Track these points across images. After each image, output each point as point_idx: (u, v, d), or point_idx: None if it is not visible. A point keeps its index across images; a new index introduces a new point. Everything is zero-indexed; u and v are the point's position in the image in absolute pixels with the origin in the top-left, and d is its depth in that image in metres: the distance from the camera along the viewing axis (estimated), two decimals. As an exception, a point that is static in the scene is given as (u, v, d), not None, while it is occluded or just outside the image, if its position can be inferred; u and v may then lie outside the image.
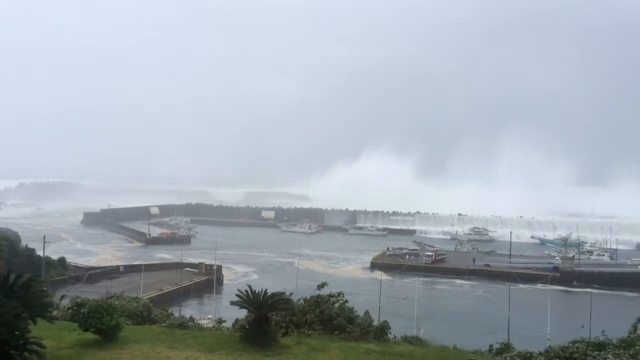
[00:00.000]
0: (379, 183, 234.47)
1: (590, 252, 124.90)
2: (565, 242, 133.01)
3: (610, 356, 14.60)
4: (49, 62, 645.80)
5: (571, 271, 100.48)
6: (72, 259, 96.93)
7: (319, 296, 19.18)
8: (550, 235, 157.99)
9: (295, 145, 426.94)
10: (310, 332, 17.17)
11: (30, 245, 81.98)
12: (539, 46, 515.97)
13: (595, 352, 15.18)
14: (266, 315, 15.78)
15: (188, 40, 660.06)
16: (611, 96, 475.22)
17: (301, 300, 18.96)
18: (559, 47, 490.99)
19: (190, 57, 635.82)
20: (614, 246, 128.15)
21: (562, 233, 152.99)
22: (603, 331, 16.77)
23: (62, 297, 26.05)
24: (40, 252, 78.95)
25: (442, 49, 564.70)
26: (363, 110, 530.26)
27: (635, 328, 17.29)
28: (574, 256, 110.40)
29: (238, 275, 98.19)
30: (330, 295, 19.22)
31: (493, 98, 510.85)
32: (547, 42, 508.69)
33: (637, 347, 15.05)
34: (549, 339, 34.52)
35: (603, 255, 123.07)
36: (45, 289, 15.74)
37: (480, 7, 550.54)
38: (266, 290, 16.23)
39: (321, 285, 19.86)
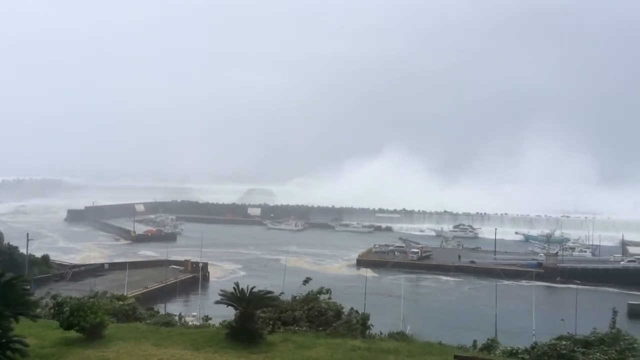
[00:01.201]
0: (389, 180, 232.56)
1: (573, 249, 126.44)
2: (548, 239, 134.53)
3: (598, 354, 14.68)
4: (32, 57, 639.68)
5: (555, 267, 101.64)
6: (56, 257, 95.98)
7: (308, 292, 19.20)
8: (534, 232, 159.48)
9: (292, 143, 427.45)
10: (297, 328, 17.15)
11: (13, 243, 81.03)
12: (546, 42, 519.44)
13: (583, 349, 15.28)
14: (252, 313, 15.72)
15: (177, 36, 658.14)
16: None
17: (287, 298, 18.94)
18: (573, 42, 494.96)
19: (181, 53, 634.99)
20: (597, 243, 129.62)
21: (546, 230, 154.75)
22: (594, 328, 16.81)
23: (47, 295, 25.76)
24: (23, 250, 78.09)
25: (441, 44, 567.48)
26: (362, 105, 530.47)
27: (614, 322, 17.47)
28: (557, 252, 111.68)
29: (225, 273, 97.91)
30: (319, 292, 19.25)
31: (496, 94, 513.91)
32: (559, 37, 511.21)
33: (622, 344, 15.17)
34: (534, 334, 34.89)
35: (585, 251, 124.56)
36: (28, 287, 15.54)
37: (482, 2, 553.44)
38: (252, 287, 16.16)
39: (306, 281, 19.93)
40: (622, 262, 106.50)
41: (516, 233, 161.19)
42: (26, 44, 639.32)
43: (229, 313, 17.62)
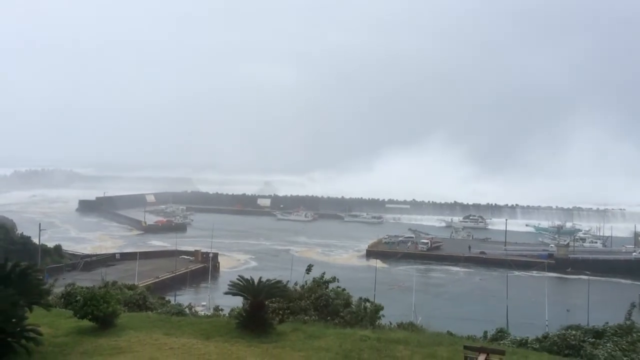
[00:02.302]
0: (426, 172, 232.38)
1: (583, 240, 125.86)
2: (559, 230, 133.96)
3: (609, 344, 14.64)
4: (46, 50, 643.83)
5: (566, 258, 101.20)
6: (68, 247, 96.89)
7: (314, 280, 19.33)
8: (545, 224, 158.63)
9: (304, 136, 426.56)
10: (306, 318, 17.24)
11: (26, 233, 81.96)
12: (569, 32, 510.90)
13: (593, 339, 15.24)
14: (262, 303, 15.81)
15: (187, 29, 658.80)
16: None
17: (297, 287, 19.06)
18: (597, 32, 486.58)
19: (192, 47, 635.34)
20: (609, 234, 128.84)
21: (557, 221, 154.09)
22: (606, 322, 16.73)
23: (55, 283, 26.03)
24: (35, 240, 78.90)
25: (463, 37, 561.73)
26: (393, 99, 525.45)
27: (630, 314, 17.39)
28: (568, 243, 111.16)
29: (237, 263, 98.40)
30: (326, 281, 19.36)
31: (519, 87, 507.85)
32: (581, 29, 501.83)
33: (634, 335, 15.11)
34: (547, 325, 34.74)
35: (596, 242, 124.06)
36: (41, 276, 15.74)
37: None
38: (261, 277, 16.25)
39: (309, 269, 20.09)
40: (634, 254, 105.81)
41: (527, 225, 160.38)
42: (39, 39, 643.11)
43: (238, 303, 17.76)
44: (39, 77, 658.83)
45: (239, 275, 16.35)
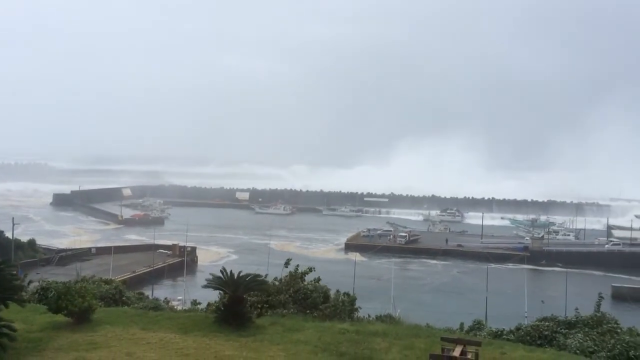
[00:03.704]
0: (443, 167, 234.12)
1: (557, 232, 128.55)
2: (533, 223, 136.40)
3: (580, 334, 15.06)
4: (23, 41, 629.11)
5: (540, 250, 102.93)
6: (42, 241, 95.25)
7: (291, 273, 19.35)
8: (520, 217, 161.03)
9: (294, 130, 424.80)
10: (284, 311, 17.26)
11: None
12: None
13: (565, 330, 15.63)
14: (241, 297, 15.76)
15: (167, 18, 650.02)
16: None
17: (275, 282, 19.05)
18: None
19: (172, 36, 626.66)
20: (583, 227, 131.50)
21: (532, 215, 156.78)
22: (576, 308, 17.30)
23: (28, 278, 25.57)
24: (8, 234, 77.41)
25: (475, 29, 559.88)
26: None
27: (599, 305, 17.86)
28: (542, 236, 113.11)
29: (217, 257, 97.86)
30: (303, 272, 19.40)
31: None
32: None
33: (604, 326, 15.53)
34: (526, 317, 35.22)
35: (568, 235, 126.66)
36: (15, 271, 15.45)
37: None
38: (240, 271, 16.20)
39: (287, 263, 20.13)
40: (606, 246, 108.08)
41: (502, 218, 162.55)
42: (15, 26, 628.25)
43: (215, 297, 17.68)
44: (14, 69, 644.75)
45: (223, 268, 16.28)
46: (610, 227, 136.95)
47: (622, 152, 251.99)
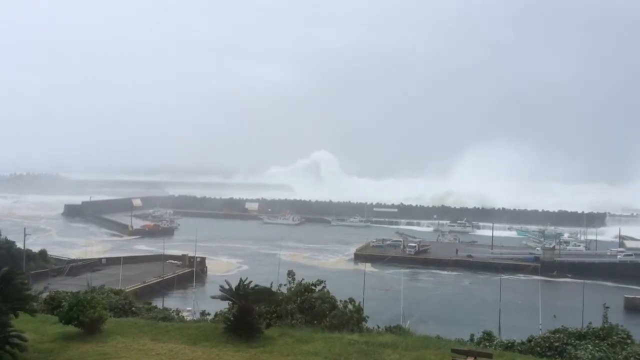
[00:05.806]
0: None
1: (567, 243, 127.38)
2: (542, 234, 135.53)
3: (590, 346, 14.94)
4: (32, 49, 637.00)
5: (552, 261, 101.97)
6: (53, 251, 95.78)
7: (299, 284, 19.36)
8: (530, 227, 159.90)
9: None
10: (292, 322, 17.23)
11: (10, 238, 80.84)
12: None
13: (576, 342, 15.51)
14: (251, 307, 15.77)
15: (177, 27, 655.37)
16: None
17: (284, 291, 19.07)
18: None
19: (181, 44, 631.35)
20: (594, 237, 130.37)
21: (540, 225, 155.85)
22: (590, 323, 17.14)
23: (45, 289, 25.78)
24: (20, 245, 77.94)
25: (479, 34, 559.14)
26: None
27: (606, 317, 17.71)
28: (554, 247, 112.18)
29: (225, 268, 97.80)
30: (312, 284, 19.40)
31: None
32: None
33: (615, 338, 15.39)
34: (540, 329, 34.85)
35: (579, 245, 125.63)
36: (26, 281, 15.57)
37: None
38: (250, 282, 16.22)
39: (291, 274, 20.19)
40: (618, 257, 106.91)
41: (509, 229, 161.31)
42: (26, 37, 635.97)
43: (223, 307, 17.70)
44: (23, 79, 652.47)
45: (225, 280, 16.30)
46: (622, 238, 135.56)
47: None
